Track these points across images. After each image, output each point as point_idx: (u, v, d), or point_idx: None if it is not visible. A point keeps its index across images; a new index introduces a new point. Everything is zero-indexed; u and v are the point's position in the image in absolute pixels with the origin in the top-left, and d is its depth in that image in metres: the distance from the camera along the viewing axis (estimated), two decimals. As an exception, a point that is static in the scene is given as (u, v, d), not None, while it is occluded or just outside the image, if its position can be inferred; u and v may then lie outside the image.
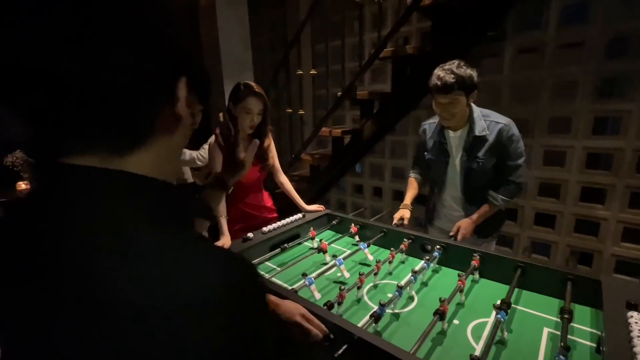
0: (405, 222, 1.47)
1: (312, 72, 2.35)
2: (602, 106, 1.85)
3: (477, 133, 1.37)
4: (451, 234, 1.36)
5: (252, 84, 1.50)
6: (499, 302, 0.88)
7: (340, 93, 2.21)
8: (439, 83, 1.28)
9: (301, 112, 2.48)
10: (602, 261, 1.96)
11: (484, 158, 1.39)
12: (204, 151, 2.01)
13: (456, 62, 1.31)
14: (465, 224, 1.37)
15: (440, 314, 0.85)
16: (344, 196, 3.24)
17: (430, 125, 1.56)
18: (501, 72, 2.10)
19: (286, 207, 1.78)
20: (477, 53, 2.08)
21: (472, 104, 1.39)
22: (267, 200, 1.75)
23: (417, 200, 1.63)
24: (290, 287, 1.11)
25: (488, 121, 1.38)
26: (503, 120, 1.37)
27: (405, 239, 1.31)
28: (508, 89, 2.11)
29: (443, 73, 1.28)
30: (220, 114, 1.98)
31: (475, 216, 1.40)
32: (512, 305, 0.93)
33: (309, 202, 1.73)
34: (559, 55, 1.91)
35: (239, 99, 1.45)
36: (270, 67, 2.75)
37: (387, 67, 2.64)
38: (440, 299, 0.89)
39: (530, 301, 1.02)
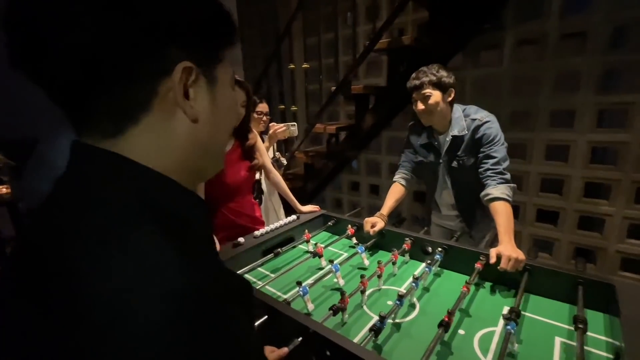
0: (375, 229, 1.31)
1: (305, 66, 2.26)
2: (606, 98, 1.78)
3: (456, 133, 1.35)
4: (492, 261, 1.04)
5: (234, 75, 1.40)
6: (506, 310, 0.81)
7: (334, 88, 2.12)
8: (412, 82, 1.33)
9: (294, 108, 2.39)
10: (606, 258, 1.91)
11: (463, 156, 1.37)
12: None
13: (435, 65, 1.34)
14: (506, 251, 1.03)
15: (444, 326, 0.79)
16: (340, 194, 3.17)
17: (418, 123, 1.50)
18: (501, 65, 2.03)
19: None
20: (476, 44, 2.00)
21: (456, 105, 1.38)
22: (256, 210, 1.61)
23: (415, 197, 1.56)
24: (284, 296, 1.05)
25: (468, 120, 1.35)
26: (479, 115, 1.33)
27: (406, 239, 1.25)
28: (508, 81, 2.04)
29: (416, 74, 1.34)
30: None
31: (504, 237, 1.11)
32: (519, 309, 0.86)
33: (304, 201, 1.65)
34: (561, 45, 1.84)
35: None
36: (260, 62, 2.65)
37: (382, 60, 2.56)
38: (448, 311, 0.82)
39: (539, 307, 0.96)
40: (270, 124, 1.88)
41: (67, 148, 0.34)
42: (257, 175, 1.74)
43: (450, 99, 1.35)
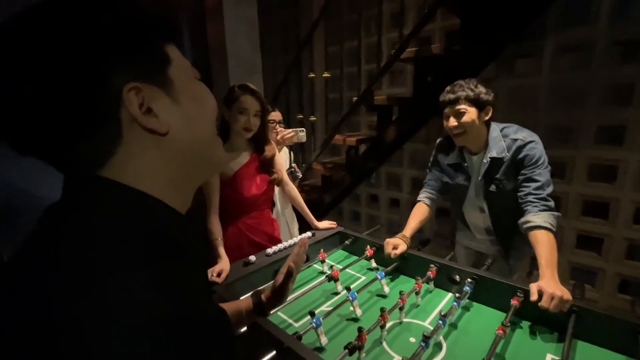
0: (397, 252, 1.19)
1: (325, 74, 2.20)
2: None
3: (494, 154, 1.23)
4: (533, 299, 0.90)
5: (248, 84, 1.35)
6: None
7: (355, 98, 2.04)
8: (447, 95, 1.23)
9: (313, 118, 2.33)
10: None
11: (502, 179, 1.25)
12: None
13: (473, 80, 1.23)
14: (549, 288, 0.89)
15: (479, 381, 0.67)
16: (358, 207, 3.06)
17: (447, 141, 1.39)
18: (539, 74, 1.87)
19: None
20: (511, 52, 1.86)
21: (493, 123, 1.26)
22: (275, 229, 1.52)
23: (440, 213, 1.44)
24: (295, 325, 0.97)
25: (508, 140, 1.23)
26: (521, 135, 1.21)
27: (431, 266, 1.13)
28: (547, 92, 1.88)
29: (451, 87, 1.24)
30: None
31: (547, 270, 0.97)
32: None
33: (320, 214, 1.57)
34: (610, 54, 1.66)
35: (233, 99, 1.29)
36: (281, 70, 2.62)
37: (406, 69, 2.46)
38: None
39: (589, 356, 0.82)
40: (278, 130, 1.82)
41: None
42: None
43: (487, 117, 1.23)
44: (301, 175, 2.11)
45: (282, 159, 1.58)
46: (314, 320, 0.86)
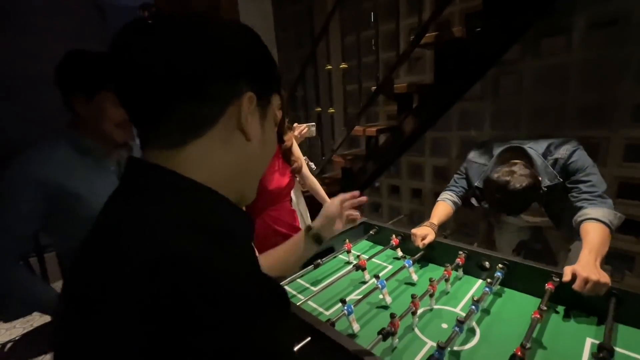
0: (425, 242, 1.17)
1: (343, 65, 2.18)
2: None
3: (549, 183, 1.20)
4: (565, 279, 0.88)
5: None
6: (589, 342, 0.67)
7: (374, 88, 2.02)
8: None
9: (331, 110, 2.32)
10: None
11: (563, 199, 1.23)
12: None
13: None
14: (584, 271, 0.85)
15: (517, 363, 0.67)
16: (379, 198, 3.05)
17: (479, 166, 1.38)
18: (568, 52, 1.78)
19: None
20: (536, 31, 1.78)
21: (530, 151, 1.23)
22: (295, 218, 1.57)
23: (463, 204, 1.42)
24: (326, 313, 0.99)
25: (552, 160, 1.21)
26: (561, 152, 1.19)
27: (460, 252, 1.12)
28: (577, 71, 1.78)
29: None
30: None
31: (588, 256, 0.92)
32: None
33: None
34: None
35: None
36: (297, 64, 2.63)
37: (425, 55, 2.40)
38: (522, 344, 0.69)
39: (633, 341, 0.79)
40: (295, 125, 1.84)
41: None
42: None
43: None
44: (315, 168, 2.13)
45: (299, 150, 1.61)
46: (346, 307, 0.88)
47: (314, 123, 1.93)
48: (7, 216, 0.87)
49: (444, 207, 1.39)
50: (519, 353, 0.68)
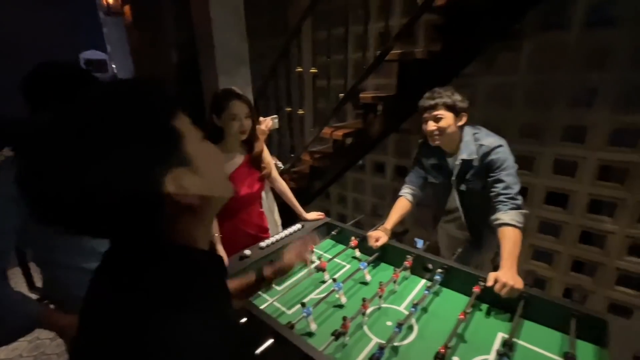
0: (378, 244, 1.33)
1: (312, 70, 2.22)
2: (624, 118, 1.71)
3: (465, 156, 1.35)
4: (488, 284, 1.07)
5: (231, 88, 1.42)
6: (500, 337, 0.84)
7: (342, 95, 2.10)
8: (426, 102, 1.33)
9: (301, 111, 2.37)
10: (605, 272, 1.94)
11: (471, 180, 1.39)
12: None
13: (450, 87, 1.34)
14: (504, 277, 1.05)
15: (440, 358, 0.83)
16: (345, 191, 3.19)
17: (428, 143, 1.50)
18: (516, 72, 1.97)
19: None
20: (492, 49, 1.93)
21: (466, 127, 1.37)
22: (264, 220, 1.65)
23: (419, 203, 1.57)
24: (288, 312, 1.11)
25: (478, 144, 1.35)
26: (488, 141, 1.33)
27: (407, 256, 1.28)
28: (522, 91, 1.98)
29: (430, 94, 1.34)
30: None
31: (506, 262, 1.12)
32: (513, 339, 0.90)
33: (308, 199, 1.68)
34: (579, 59, 1.77)
35: (222, 108, 1.35)
36: (268, 56, 2.59)
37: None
38: (446, 344, 0.85)
39: (533, 334, 0.99)
40: (261, 119, 1.87)
41: None
42: None
43: (461, 123, 1.34)
44: (282, 167, 2.19)
45: (269, 155, 1.66)
46: (305, 310, 0.99)
47: (276, 116, 1.97)
48: None
49: (401, 206, 1.52)
50: (442, 350, 0.84)
